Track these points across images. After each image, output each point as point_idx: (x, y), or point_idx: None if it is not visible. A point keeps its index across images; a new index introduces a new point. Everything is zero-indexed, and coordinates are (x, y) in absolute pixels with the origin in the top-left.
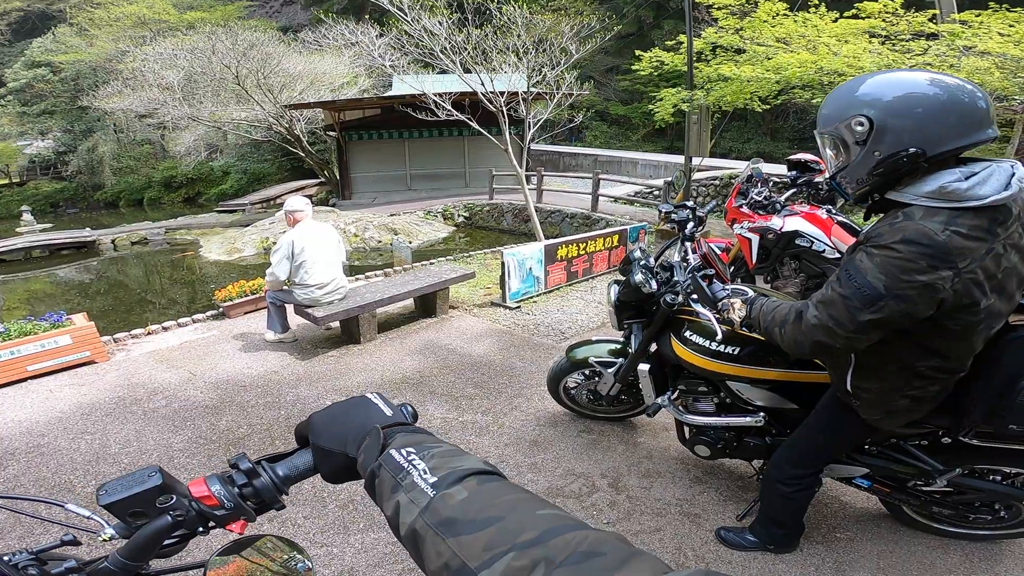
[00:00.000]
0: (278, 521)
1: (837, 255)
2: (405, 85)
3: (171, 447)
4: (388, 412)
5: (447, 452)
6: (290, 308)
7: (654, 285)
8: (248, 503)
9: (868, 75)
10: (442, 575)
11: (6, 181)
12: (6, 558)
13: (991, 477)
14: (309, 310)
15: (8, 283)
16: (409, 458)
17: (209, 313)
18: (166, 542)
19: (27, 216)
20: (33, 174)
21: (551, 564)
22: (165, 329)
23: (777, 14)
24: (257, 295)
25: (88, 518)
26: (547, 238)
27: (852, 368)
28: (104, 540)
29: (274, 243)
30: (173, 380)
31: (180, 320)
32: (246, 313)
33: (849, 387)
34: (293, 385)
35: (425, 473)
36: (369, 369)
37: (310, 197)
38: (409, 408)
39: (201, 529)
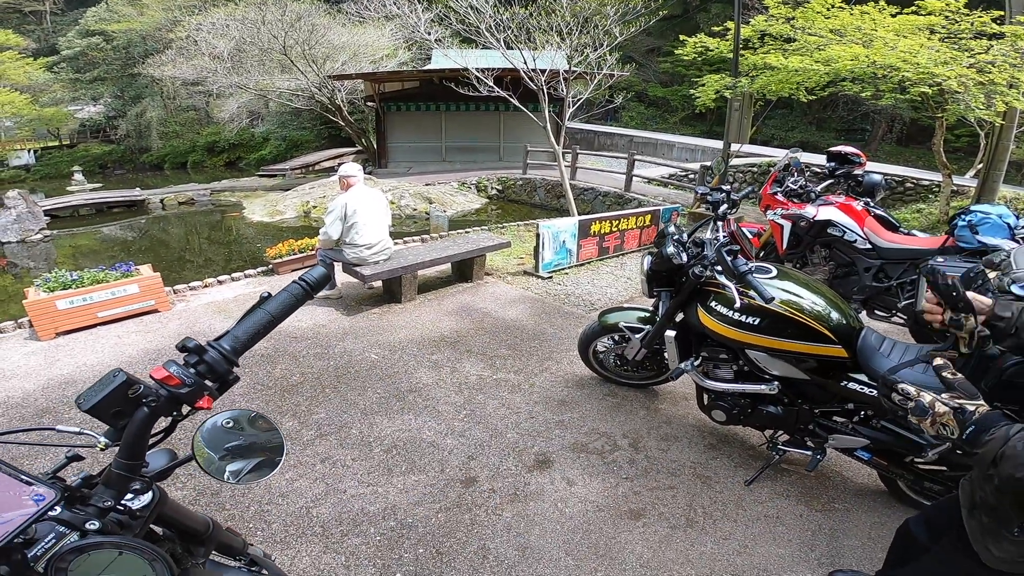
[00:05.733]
0: (329, 463)
1: (868, 246)
2: (447, 59)
3: (232, 392)
4: None
5: None
6: (338, 266)
7: (684, 257)
8: (206, 380)
9: None
10: None
11: (57, 143)
12: (38, 485)
13: None
14: (357, 268)
15: (64, 237)
16: None
17: (259, 269)
18: (154, 435)
19: (78, 176)
20: (83, 137)
21: None
22: (220, 283)
23: (832, 6)
24: (304, 253)
25: (79, 434)
26: (580, 215)
27: None
28: (101, 449)
29: (314, 207)
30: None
31: (233, 275)
32: (293, 270)
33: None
34: (340, 338)
35: None
36: (409, 326)
37: None
38: None
39: (176, 414)
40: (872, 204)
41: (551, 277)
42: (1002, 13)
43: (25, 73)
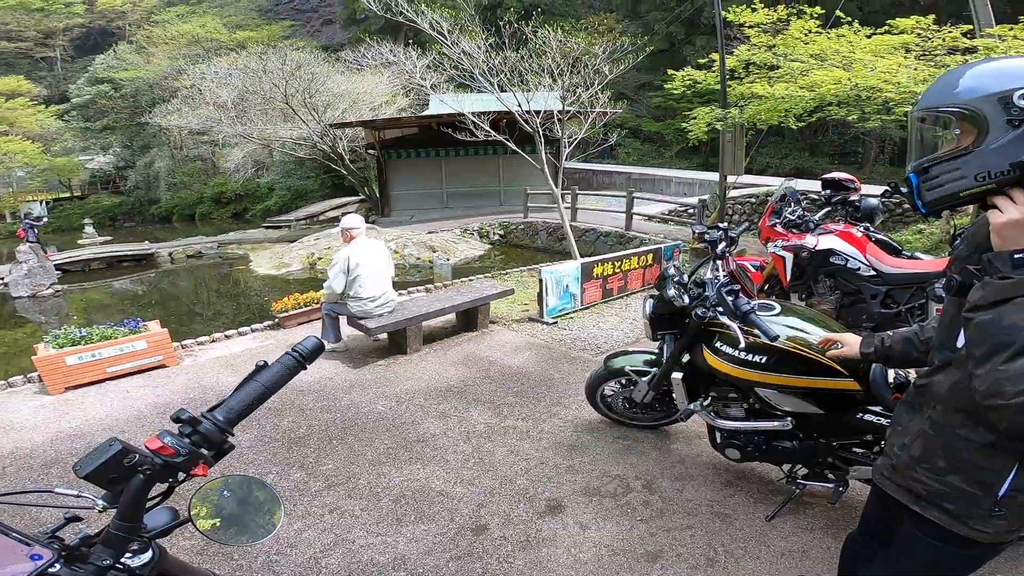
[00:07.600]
0: (338, 513)
1: (872, 273)
2: (443, 104)
3: (240, 445)
4: None
5: None
6: (343, 319)
7: (686, 300)
8: (202, 449)
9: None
10: None
11: (68, 195)
12: (35, 545)
13: None
14: (362, 321)
15: (75, 292)
16: None
17: (266, 323)
18: (151, 499)
19: (89, 229)
20: (94, 188)
21: None
22: (227, 337)
23: (810, 31)
24: (310, 307)
25: (78, 496)
26: (582, 256)
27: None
28: (99, 511)
29: (319, 258)
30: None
31: (240, 329)
32: (299, 324)
33: (1001, 496)
34: (347, 391)
35: None
36: (416, 377)
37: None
38: None
39: (172, 480)
40: (872, 229)
41: (556, 322)
42: (971, 27)
43: (36, 121)
